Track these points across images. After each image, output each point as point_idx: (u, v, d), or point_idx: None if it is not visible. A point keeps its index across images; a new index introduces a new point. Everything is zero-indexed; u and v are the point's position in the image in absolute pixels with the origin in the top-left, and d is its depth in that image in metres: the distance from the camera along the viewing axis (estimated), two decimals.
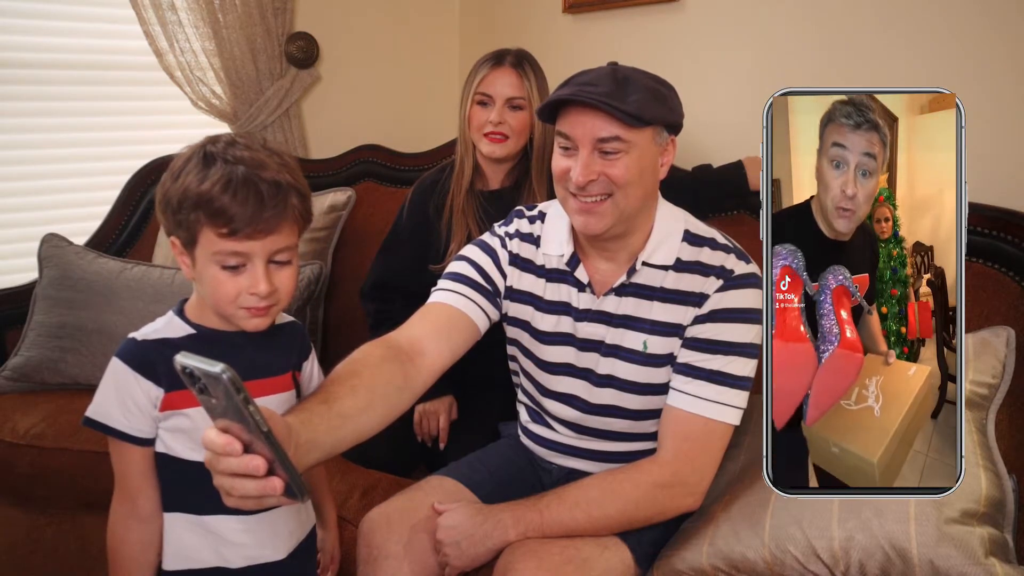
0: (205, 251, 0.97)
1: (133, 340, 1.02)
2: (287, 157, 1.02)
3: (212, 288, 0.98)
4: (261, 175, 0.95)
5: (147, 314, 1.87)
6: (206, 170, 0.94)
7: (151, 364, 0.99)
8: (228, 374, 0.71)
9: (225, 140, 0.98)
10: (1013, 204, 1.41)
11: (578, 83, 1.17)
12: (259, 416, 0.75)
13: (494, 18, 2.62)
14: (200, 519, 1.03)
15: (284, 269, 1.00)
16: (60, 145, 2.22)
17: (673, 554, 1.19)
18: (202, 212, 0.94)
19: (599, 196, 1.18)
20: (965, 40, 1.54)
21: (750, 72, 1.93)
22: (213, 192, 0.93)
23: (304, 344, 1.13)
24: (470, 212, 1.76)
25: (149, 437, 1.01)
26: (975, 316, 1.33)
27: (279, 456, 0.77)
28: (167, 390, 0.99)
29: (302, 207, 1.00)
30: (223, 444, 0.78)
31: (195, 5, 2.17)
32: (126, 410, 0.99)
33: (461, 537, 1.19)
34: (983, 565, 0.97)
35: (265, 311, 1.00)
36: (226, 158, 0.95)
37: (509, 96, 1.70)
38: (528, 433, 1.44)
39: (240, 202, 0.93)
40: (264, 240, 0.96)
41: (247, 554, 1.05)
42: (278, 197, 0.96)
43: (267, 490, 0.79)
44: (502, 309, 1.36)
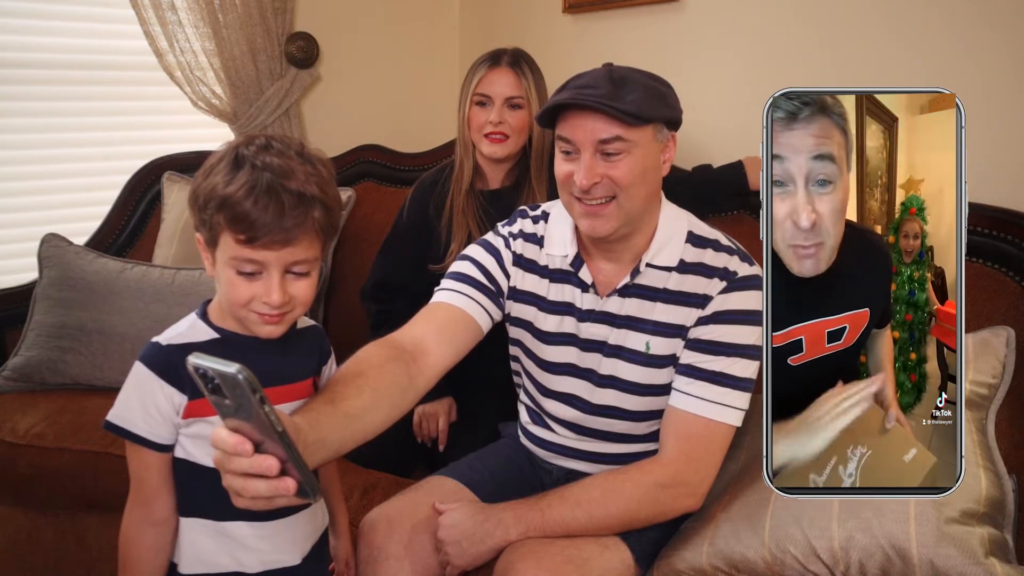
0: (224, 254, 0.96)
1: (157, 345, 1.00)
2: (320, 166, 0.98)
3: (226, 290, 0.97)
4: (286, 184, 0.93)
5: (147, 314, 1.89)
6: (234, 173, 0.93)
7: (175, 370, 0.97)
8: (244, 374, 0.71)
9: (259, 143, 0.96)
10: (1013, 204, 1.41)
11: (575, 86, 1.17)
12: (274, 416, 0.74)
13: (494, 18, 2.62)
14: (218, 524, 1.02)
15: (302, 279, 0.99)
16: (60, 145, 2.22)
17: (673, 554, 1.19)
18: (223, 215, 0.93)
19: (604, 198, 1.18)
20: (965, 40, 1.54)
21: (750, 72, 1.93)
22: (236, 196, 0.91)
23: (324, 348, 1.12)
24: (470, 212, 1.76)
25: (169, 443, 1.00)
26: (975, 316, 1.33)
27: (292, 456, 0.77)
28: (191, 397, 0.98)
29: (325, 220, 0.97)
30: (234, 444, 0.77)
31: (195, 5, 2.17)
32: (148, 416, 0.98)
33: (462, 536, 1.19)
34: (983, 565, 0.97)
35: (279, 319, 0.98)
36: (255, 163, 0.93)
37: (507, 96, 1.71)
38: (527, 434, 1.44)
39: (260, 209, 0.91)
40: (281, 251, 0.94)
41: (264, 559, 1.05)
42: (299, 208, 0.93)
43: (280, 490, 0.78)
44: (505, 309, 1.36)
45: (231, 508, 0.82)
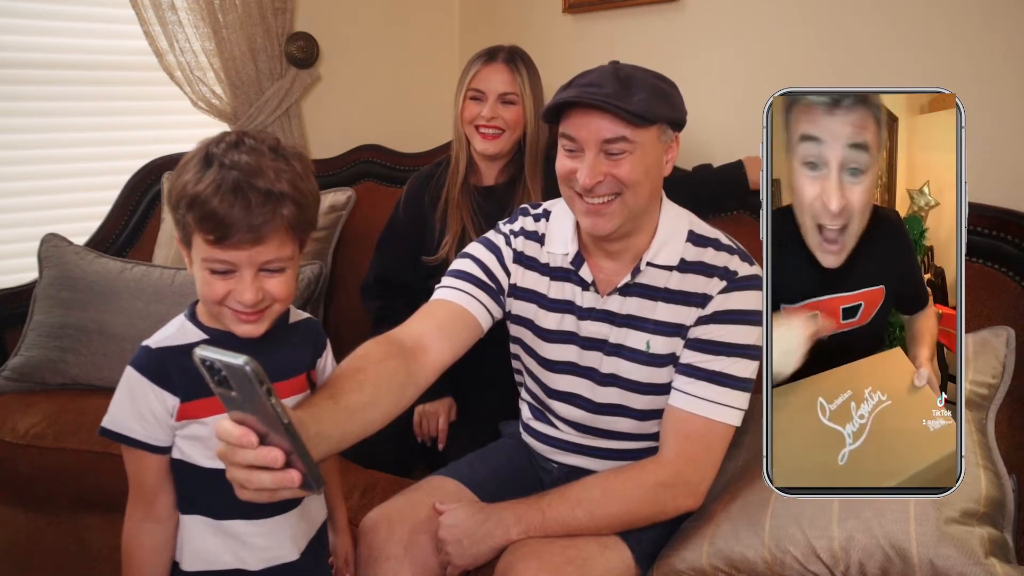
0: (197, 254, 0.95)
1: (147, 348, 1.00)
2: (296, 161, 0.97)
3: (201, 288, 0.97)
4: (254, 182, 0.91)
5: (147, 314, 1.89)
6: (203, 171, 0.92)
7: (166, 373, 0.97)
8: (251, 366, 0.71)
9: (228, 141, 0.95)
10: (1013, 204, 1.41)
11: (581, 84, 1.17)
12: (280, 408, 0.74)
13: (494, 18, 2.62)
14: (218, 523, 1.02)
15: (276, 276, 0.97)
16: (60, 145, 2.21)
17: (673, 554, 1.19)
18: (192, 214, 0.92)
19: (607, 197, 1.18)
20: (965, 40, 1.53)
21: (750, 72, 1.93)
22: (204, 195, 0.90)
23: (319, 341, 1.12)
24: (465, 207, 1.77)
25: (166, 445, 1.00)
26: (975, 316, 1.33)
27: (297, 448, 0.77)
28: (183, 400, 0.98)
29: (297, 216, 0.95)
30: (239, 435, 0.77)
31: (195, 5, 2.16)
32: (142, 419, 0.98)
33: (463, 536, 1.19)
34: (983, 565, 0.97)
35: (256, 317, 0.98)
36: (223, 161, 0.92)
37: (501, 92, 1.72)
38: (530, 430, 1.44)
39: (226, 207, 0.90)
40: (251, 250, 0.93)
41: (265, 556, 1.05)
42: (267, 206, 0.91)
43: (285, 482, 0.78)
44: (505, 307, 1.36)
45: (230, 506, 0.82)
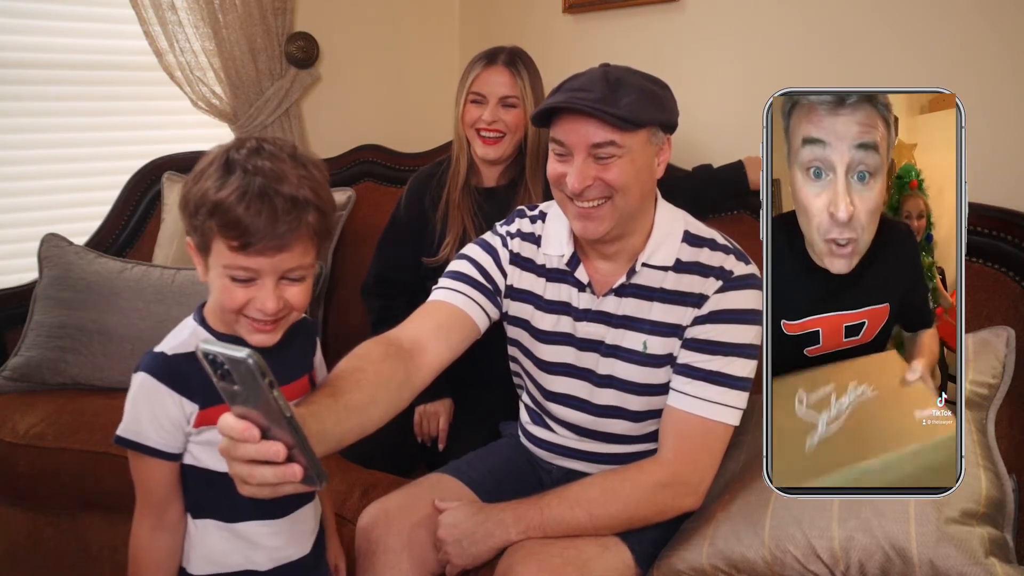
0: (217, 261, 0.94)
1: (163, 355, 0.98)
2: (314, 168, 0.96)
3: (220, 296, 0.96)
4: (279, 188, 0.90)
5: (147, 314, 1.89)
6: (225, 177, 0.91)
7: (184, 379, 0.96)
8: (254, 359, 0.71)
9: (250, 146, 0.94)
10: (1013, 204, 1.41)
11: (570, 89, 1.17)
12: (282, 401, 0.74)
13: (494, 18, 2.62)
14: (230, 526, 1.02)
15: (296, 285, 0.96)
16: (60, 145, 2.22)
17: (673, 554, 1.19)
18: (215, 221, 0.91)
19: (597, 200, 1.18)
20: (965, 40, 1.54)
21: (750, 72, 1.93)
22: (228, 202, 0.89)
23: (312, 337, 1.12)
24: (466, 208, 1.77)
25: (179, 452, 1.00)
26: (975, 316, 1.33)
27: (299, 442, 0.77)
28: (202, 406, 0.97)
29: (320, 224, 0.94)
30: (241, 430, 0.77)
31: (195, 5, 2.17)
32: (159, 427, 0.97)
33: (462, 535, 1.19)
34: (983, 565, 0.97)
35: (272, 326, 0.97)
36: (246, 167, 0.91)
37: (502, 95, 1.71)
38: (527, 435, 1.44)
39: (253, 215, 0.89)
40: (275, 258, 0.92)
41: (274, 555, 1.05)
42: (293, 213, 0.91)
43: (287, 476, 0.78)
44: (502, 308, 1.36)
45: (243, 509, 0.82)
